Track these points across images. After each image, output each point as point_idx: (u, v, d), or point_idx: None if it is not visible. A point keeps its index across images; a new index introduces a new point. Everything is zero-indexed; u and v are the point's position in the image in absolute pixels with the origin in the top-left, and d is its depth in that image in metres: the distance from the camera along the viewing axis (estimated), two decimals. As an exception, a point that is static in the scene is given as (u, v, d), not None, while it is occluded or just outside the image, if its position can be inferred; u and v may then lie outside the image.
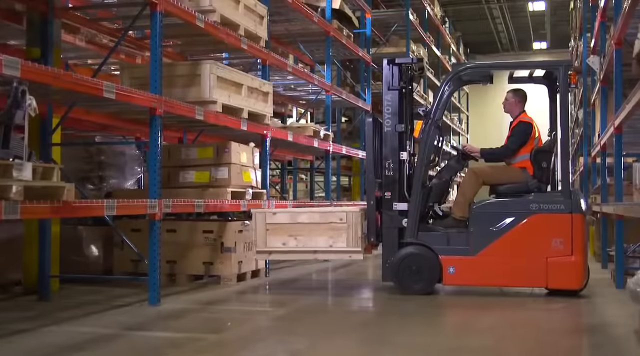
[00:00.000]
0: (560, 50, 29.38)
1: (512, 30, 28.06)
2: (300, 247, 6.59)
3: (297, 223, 6.62)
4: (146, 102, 5.65)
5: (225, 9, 6.81)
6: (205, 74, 6.59)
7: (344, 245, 6.51)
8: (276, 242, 6.63)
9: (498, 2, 24.28)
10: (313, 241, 6.56)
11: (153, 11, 5.80)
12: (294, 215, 6.70)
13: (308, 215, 6.67)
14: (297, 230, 6.61)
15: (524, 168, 6.57)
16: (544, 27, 27.99)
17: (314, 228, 6.57)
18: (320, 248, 6.57)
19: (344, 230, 6.50)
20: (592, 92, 12.09)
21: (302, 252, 6.69)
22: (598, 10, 9.43)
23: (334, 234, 6.53)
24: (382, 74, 6.73)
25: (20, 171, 4.24)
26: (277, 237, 6.63)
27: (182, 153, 7.25)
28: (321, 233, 6.55)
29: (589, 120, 13.28)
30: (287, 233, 6.62)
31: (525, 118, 6.73)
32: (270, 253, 6.71)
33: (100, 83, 5.06)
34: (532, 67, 6.95)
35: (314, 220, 6.60)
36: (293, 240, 6.60)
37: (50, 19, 6.11)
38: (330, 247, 6.54)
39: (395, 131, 6.64)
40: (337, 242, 6.51)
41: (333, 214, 6.60)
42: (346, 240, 6.49)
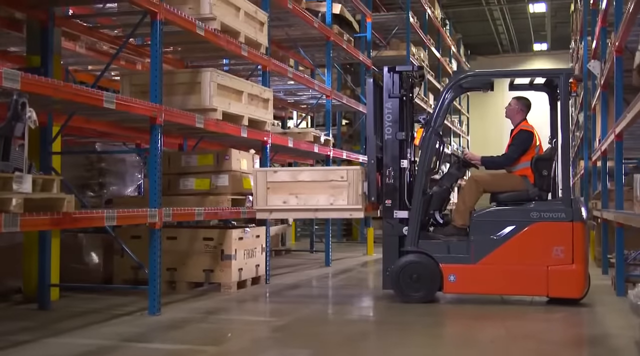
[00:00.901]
0: (560, 52, 29.41)
1: (512, 31, 28.04)
2: (301, 205, 6.54)
3: (298, 181, 6.57)
4: (146, 111, 5.64)
5: (225, 17, 6.80)
6: (206, 82, 6.59)
7: (345, 203, 6.46)
8: (277, 201, 6.58)
9: (499, 4, 24.25)
10: (314, 199, 6.52)
11: (153, 20, 5.79)
12: (294, 174, 6.67)
13: (309, 174, 6.64)
14: (298, 189, 6.56)
15: (525, 176, 6.56)
16: (544, 29, 27.98)
17: (314, 186, 6.53)
18: (321, 207, 6.52)
19: (344, 188, 6.46)
20: (592, 96, 12.08)
21: (302, 210, 6.65)
22: (599, 14, 9.40)
23: (335, 192, 6.48)
24: (383, 81, 6.72)
25: (21, 184, 4.22)
26: (277, 195, 6.59)
27: (183, 161, 7.25)
28: (322, 192, 6.51)
29: (589, 123, 13.27)
30: (287, 191, 6.58)
31: (526, 126, 6.72)
32: (271, 211, 6.66)
33: (100, 93, 5.05)
34: (532, 75, 6.94)
35: (314, 178, 6.56)
36: (294, 199, 6.55)
37: (51, 27, 6.09)
38: (331, 204, 6.49)
39: (396, 139, 6.63)
40: (338, 199, 6.47)
41: (334, 172, 6.59)
42: (347, 197, 6.45)
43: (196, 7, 6.57)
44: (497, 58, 31.56)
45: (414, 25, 15.21)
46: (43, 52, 6.15)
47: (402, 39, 15.16)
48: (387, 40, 15.41)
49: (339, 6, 10.42)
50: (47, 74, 6.03)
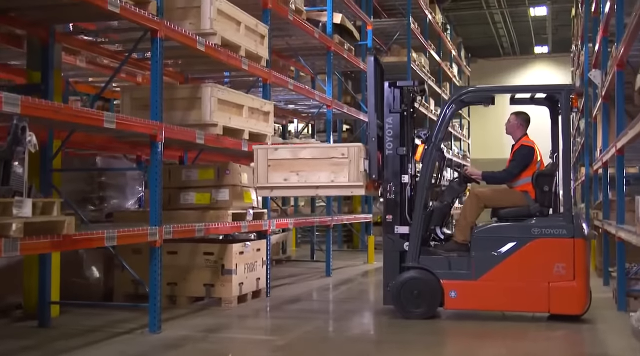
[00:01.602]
0: (561, 54, 29.39)
1: (513, 34, 28.01)
2: (302, 182, 6.51)
3: (299, 158, 6.54)
4: (147, 130, 5.63)
5: (226, 31, 6.78)
6: (206, 97, 6.58)
7: (346, 180, 6.42)
8: (278, 178, 6.55)
9: (499, 8, 24.23)
10: (315, 176, 6.48)
11: (154, 37, 5.78)
12: (295, 151, 6.62)
13: (309, 151, 6.60)
14: (299, 166, 6.53)
15: (526, 192, 6.55)
16: (545, 32, 27.94)
17: (315, 163, 6.49)
18: (321, 184, 6.48)
19: (345, 165, 6.42)
20: (593, 104, 12.06)
21: (303, 188, 6.61)
22: (600, 24, 9.38)
23: (336, 169, 6.44)
24: (384, 97, 6.71)
25: (20, 208, 4.21)
26: (278, 172, 6.55)
27: (183, 175, 7.23)
28: (323, 169, 6.47)
29: (590, 130, 13.26)
30: (288, 169, 6.54)
31: (527, 141, 6.71)
32: (272, 189, 6.63)
33: (100, 114, 5.05)
34: (533, 90, 6.92)
35: (315, 156, 6.52)
36: (295, 176, 6.52)
37: (51, 44, 6.08)
38: (331, 181, 6.45)
39: (397, 154, 6.63)
40: (339, 176, 6.43)
41: (334, 149, 6.56)
42: (348, 175, 6.41)
43: (196, 22, 6.55)
44: (498, 60, 31.55)
45: (415, 31, 15.20)
46: (43, 67, 6.14)
47: (403, 44, 15.16)
48: (388, 46, 15.40)
49: (339, 16, 10.41)
50: (48, 91, 6.05)
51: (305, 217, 9.28)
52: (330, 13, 9.91)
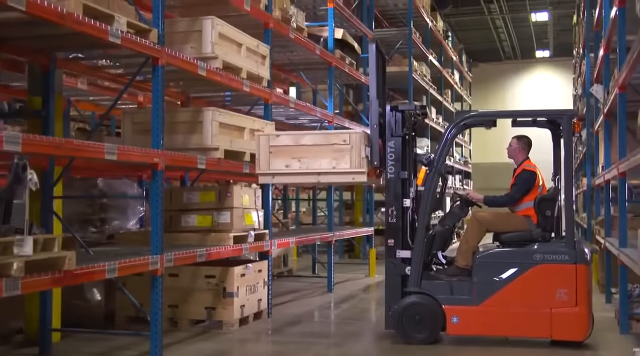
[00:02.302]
0: (563, 59, 29.39)
1: (514, 39, 28.01)
2: (303, 168, 6.49)
3: (300, 145, 6.52)
4: (148, 159, 5.62)
5: (227, 54, 6.77)
6: (207, 121, 6.58)
7: (347, 167, 6.40)
8: (279, 164, 6.54)
9: (501, 13, 24.23)
10: (316, 163, 6.47)
11: (155, 65, 5.77)
12: (296, 138, 6.61)
13: (311, 137, 6.59)
14: (300, 152, 6.52)
15: (528, 216, 6.53)
16: (546, 36, 27.94)
17: (317, 150, 6.48)
18: (323, 170, 6.46)
19: (347, 151, 6.40)
20: (595, 117, 12.04)
21: (305, 174, 6.57)
22: (602, 41, 9.36)
23: (337, 155, 6.42)
24: (385, 121, 6.69)
25: (22, 247, 4.21)
26: (280, 159, 6.54)
27: (184, 197, 7.23)
28: (324, 155, 6.46)
29: (592, 140, 13.24)
30: (290, 155, 6.53)
31: (528, 166, 6.70)
32: (274, 175, 6.61)
33: (101, 146, 5.03)
34: (535, 115, 6.91)
35: (317, 142, 6.50)
36: (296, 162, 6.50)
37: (52, 70, 6.06)
38: (333, 168, 6.43)
39: (399, 178, 6.61)
40: (340, 163, 6.40)
41: (336, 136, 6.54)
42: (349, 161, 6.39)
43: (198, 47, 6.55)
44: (500, 65, 31.59)
45: (416, 40, 15.19)
46: (44, 93, 6.13)
47: (405, 53, 15.15)
48: (390, 56, 15.38)
49: (340, 31, 10.39)
50: (49, 117, 6.05)
51: (307, 234, 9.26)
52: (332, 29, 9.89)
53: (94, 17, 4.99)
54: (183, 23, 6.70)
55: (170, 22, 6.58)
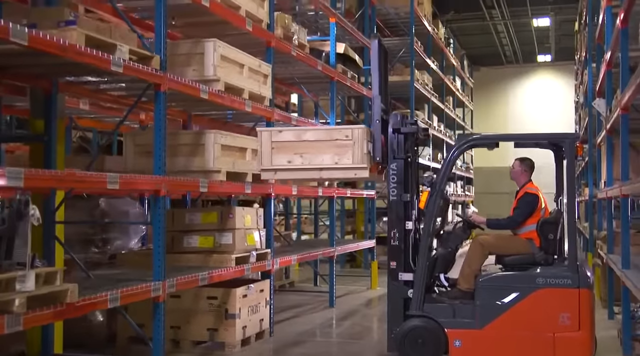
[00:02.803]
0: (565, 63, 29.36)
1: (516, 43, 27.98)
2: (305, 164, 6.44)
3: (303, 141, 6.47)
4: (150, 186, 5.63)
5: (229, 76, 6.77)
6: (209, 144, 6.58)
7: (350, 162, 6.35)
8: (282, 160, 6.49)
9: (502, 19, 24.20)
10: (319, 158, 6.41)
11: (157, 90, 5.77)
12: (299, 133, 6.57)
13: (313, 133, 6.55)
14: (303, 148, 6.46)
15: (531, 239, 6.52)
16: (548, 41, 27.91)
17: (319, 145, 6.43)
18: (325, 166, 6.41)
19: (349, 147, 6.35)
20: (597, 130, 12.02)
21: (307, 170, 6.51)
22: (604, 57, 9.34)
23: (340, 151, 6.37)
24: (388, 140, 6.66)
25: (24, 283, 4.21)
26: (282, 155, 6.49)
27: (186, 218, 7.22)
28: (327, 151, 6.40)
29: (594, 151, 13.22)
30: (292, 151, 6.47)
31: (531, 189, 6.68)
32: (276, 171, 6.56)
33: (104, 176, 5.03)
34: (537, 139, 6.89)
35: (319, 138, 6.46)
36: (299, 158, 6.45)
37: (54, 94, 6.05)
38: (335, 163, 6.38)
39: (401, 200, 6.59)
40: (343, 158, 6.36)
41: (338, 131, 6.49)
42: (352, 156, 6.33)
43: (200, 69, 6.55)
44: (501, 69, 31.56)
45: (418, 49, 15.18)
46: (47, 117, 6.12)
47: (406, 63, 15.13)
48: (392, 65, 15.36)
49: (342, 46, 10.39)
50: (51, 142, 6.04)
51: (309, 249, 9.25)
52: (334, 43, 9.89)
53: (96, 46, 4.99)
54: (185, 45, 6.69)
55: (172, 45, 6.57)
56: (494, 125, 30.91)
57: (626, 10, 6.70)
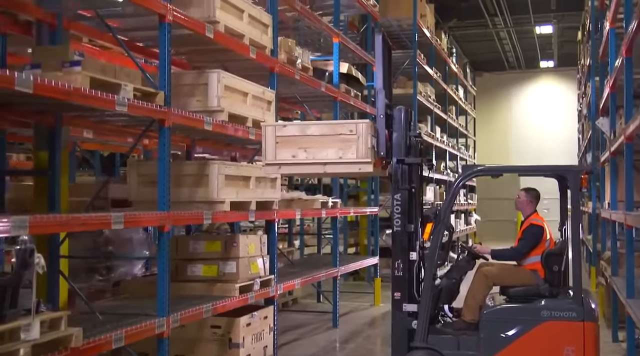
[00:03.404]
0: (567, 69, 29.35)
1: (519, 50, 27.97)
2: (309, 159, 6.41)
3: (307, 135, 6.43)
4: (154, 223, 5.63)
5: (233, 106, 6.79)
6: (214, 175, 6.57)
7: (354, 157, 6.29)
8: (286, 155, 6.44)
9: (505, 27, 24.18)
10: (323, 153, 6.36)
11: (162, 126, 5.77)
12: (303, 128, 6.54)
13: (318, 128, 6.51)
14: (307, 143, 6.42)
15: (535, 270, 6.50)
16: (551, 47, 27.88)
17: (323, 140, 6.38)
18: (330, 160, 6.37)
19: (353, 141, 6.30)
20: (601, 146, 12.01)
21: (311, 164, 6.46)
22: (608, 79, 9.33)
23: (344, 145, 6.32)
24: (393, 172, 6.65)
25: (28, 332, 4.21)
26: (286, 149, 6.44)
27: (190, 247, 7.21)
28: (331, 145, 6.35)
29: (597, 164, 13.21)
30: (296, 145, 6.43)
31: (536, 220, 6.66)
32: (280, 165, 6.51)
33: (108, 217, 5.03)
34: (542, 171, 6.88)
35: (323, 132, 6.41)
36: (303, 153, 6.40)
37: (58, 127, 6.07)
38: (339, 158, 6.33)
39: (405, 231, 6.58)
40: (347, 153, 6.30)
41: (343, 126, 6.45)
42: (356, 151, 6.28)
43: (204, 100, 6.61)
44: (504, 74, 31.57)
45: (421, 61, 15.17)
46: (51, 149, 6.14)
47: (409, 75, 15.12)
48: (395, 78, 15.35)
49: (346, 65, 10.38)
50: (55, 176, 6.05)
51: (312, 272, 9.23)
52: (337, 63, 9.88)
53: (101, 85, 5.00)
54: (189, 76, 6.70)
55: (176, 75, 6.59)
56: (496, 131, 30.93)
57: (630, 40, 6.69)
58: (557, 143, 30.05)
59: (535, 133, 31.01)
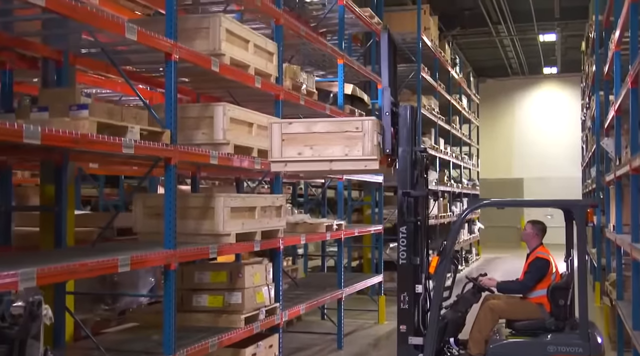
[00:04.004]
0: (571, 75, 29.31)
1: (522, 57, 27.95)
2: (315, 156, 6.41)
3: (313, 133, 6.45)
4: (161, 261, 5.63)
5: (238, 138, 6.78)
6: (219, 208, 6.56)
7: (360, 154, 6.30)
8: (292, 152, 6.46)
9: (509, 35, 24.15)
10: (328, 150, 6.38)
11: (168, 164, 5.77)
12: (309, 125, 6.53)
13: (323, 125, 6.51)
14: (313, 140, 6.43)
15: (541, 304, 6.51)
16: (554, 54, 27.86)
17: (329, 137, 6.39)
18: (335, 157, 6.38)
19: (359, 138, 6.30)
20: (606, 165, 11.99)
21: (317, 161, 6.47)
22: (612, 105, 9.32)
23: (350, 143, 6.33)
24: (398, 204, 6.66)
25: (37, 384, 4.21)
26: (292, 146, 6.46)
27: (196, 277, 7.21)
28: (337, 142, 6.36)
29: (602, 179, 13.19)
30: (302, 143, 6.45)
31: (542, 253, 6.67)
32: (286, 163, 6.54)
33: (115, 261, 5.03)
34: (548, 206, 6.88)
35: (329, 130, 6.43)
36: (309, 150, 6.42)
37: (65, 164, 6.08)
38: (345, 155, 6.34)
39: (411, 264, 6.58)
40: (353, 150, 6.32)
41: (348, 123, 6.46)
42: (362, 148, 6.29)
43: (209, 133, 6.60)
44: (507, 80, 31.54)
45: (425, 75, 15.18)
46: (57, 185, 6.16)
47: (413, 88, 15.12)
48: (399, 91, 15.34)
49: (350, 86, 10.38)
50: (61, 212, 6.06)
51: (317, 295, 9.23)
52: (342, 85, 9.88)
53: (108, 128, 5.00)
54: (195, 109, 6.71)
55: (182, 108, 6.60)
56: (499, 136, 30.92)
57: (637, 72, 6.68)
58: (561, 149, 30.06)
59: (538, 138, 30.99)
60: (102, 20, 4.88)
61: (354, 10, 10.54)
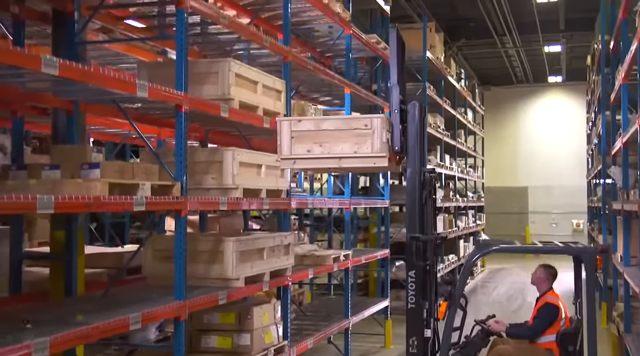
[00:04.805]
0: (576, 83, 29.28)
1: (527, 66, 27.95)
2: (325, 153, 6.43)
3: (322, 130, 6.46)
4: (171, 314, 5.67)
5: (247, 181, 6.80)
6: (228, 252, 6.57)
7: (369, 151, 6.31)
8: (301, 149, 6.47)
9: (514, 46, 24.15)
10: (338, 147, 6.39)
11: (178, 215, 5.80)
12: (318, 123, 6.56)
13: (332, 122, 6.53)
14: (322, 138, 6.45)
15: (550, 350, 6.52)
16: (559, 63, 27.84)
17: (338, 135, 6.40)
18: (345, 155, 6.39)
19: (368, 136, 6.31)
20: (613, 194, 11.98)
21: (326, 159, 6.49)
22: (619, 136, 9.32)
23: (359, 140, 6.33)
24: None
25: None
26: (301, 144, 6.48)
27: (204, 318, 7.23)
28: (346, 140, 6.37)
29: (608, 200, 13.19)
30: (312, 140, 6.46)
31: (551, 298, 6.68)
32: (295, 160, 6.54)
33: (127, 319, 5.04)
34: (556, 252, 6.88)
35: (338, 127, 6.44)
36: (318, 147, 6.44)
37: (76, 215, 6.11)
38: (355, 152, 6.35)
39: (420, 308, 6.59)
40: (362, 147, 6.32)
41: (357, 120, 6.48)
42: (371, 146, 6.29)
43: (219, 178, 6.59)
44: (512, 88, 31.54)
45: (431, 93, 15.18)
46: (67, 230, 6.18)
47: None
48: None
49: (357, 115, 10.37)
50: (72, 261, 6.09)
51: (324, 329, 9.23)
52: (349, 113, 9.88)
53: (119, 186, 5.03)
54: (204, 153, 6.73)
55: (191, 151, 6.61)
56: (504, 145, 30.92)
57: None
58: (566, 157, 30.08)
59: (543, 147, 30.99)
60: (114, 81, 4.91)
61: (361, 38, 10.54)
